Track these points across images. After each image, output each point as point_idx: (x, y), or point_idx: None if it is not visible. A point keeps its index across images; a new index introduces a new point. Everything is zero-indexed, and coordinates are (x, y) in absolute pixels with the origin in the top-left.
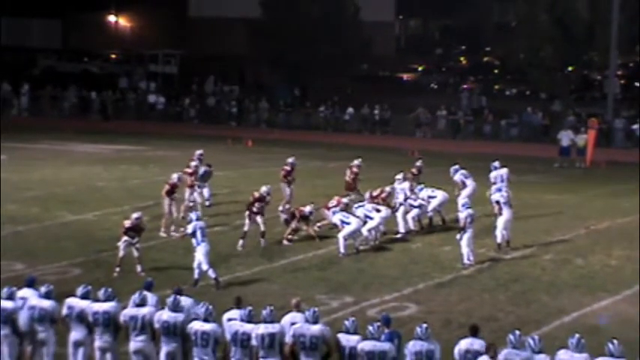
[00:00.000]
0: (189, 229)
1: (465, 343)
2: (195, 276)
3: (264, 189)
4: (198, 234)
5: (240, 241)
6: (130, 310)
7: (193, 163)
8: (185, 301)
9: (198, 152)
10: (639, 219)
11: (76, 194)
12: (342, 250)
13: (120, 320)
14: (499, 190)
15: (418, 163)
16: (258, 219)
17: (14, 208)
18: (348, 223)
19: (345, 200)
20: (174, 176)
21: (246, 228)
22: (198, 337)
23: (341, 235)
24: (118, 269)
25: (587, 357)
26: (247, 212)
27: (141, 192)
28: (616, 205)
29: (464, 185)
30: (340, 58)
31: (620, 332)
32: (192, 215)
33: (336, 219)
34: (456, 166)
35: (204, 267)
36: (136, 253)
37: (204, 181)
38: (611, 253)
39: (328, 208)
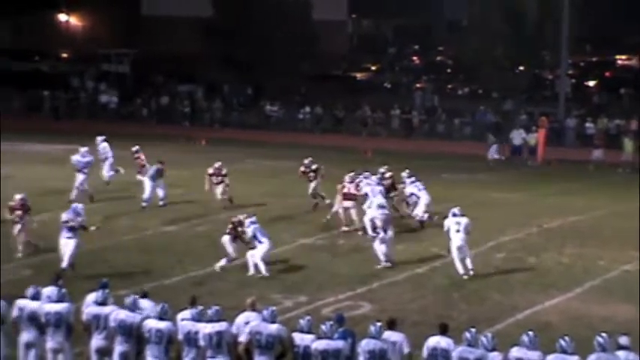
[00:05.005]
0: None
1: (432, 341)
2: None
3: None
4: None
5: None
6: (93, 309)
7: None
8: (146, 303)
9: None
10: (590, 217)
11: (28, 194)
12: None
13: (71, 321)
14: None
15: (387, 174)
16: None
17: None
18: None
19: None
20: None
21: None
22: (153, 334)
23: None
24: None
25: (540, 354)
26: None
27: (93, 192)
28: (568, 203)
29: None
30: (293, 57)
31: (572, 329)
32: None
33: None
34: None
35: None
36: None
37: (155, 179)
38: (562, 251)
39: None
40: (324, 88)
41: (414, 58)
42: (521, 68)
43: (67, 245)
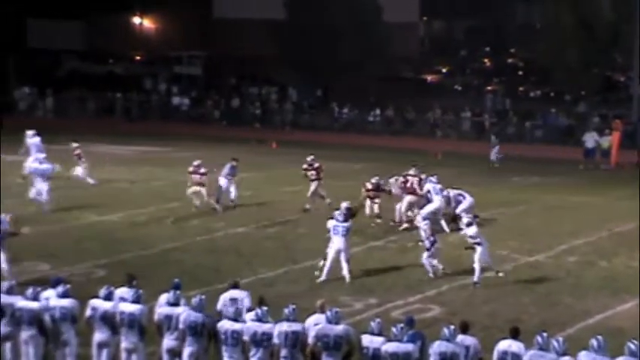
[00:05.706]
0: None
1: (503, 345)
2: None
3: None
4: None
5: None
6: (165, 309)
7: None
8: (237, 293)
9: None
10: None
11: (100, 195)
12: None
13: (144, 322)
14: (430, 180)
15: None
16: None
17: (39, 209)
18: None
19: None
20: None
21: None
22: (229, 336)
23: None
24: None
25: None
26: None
27: (165, 193)
28: None
29: (428, 200)
30: (363, 59)
31: None
32: None
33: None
34: (432, 177)
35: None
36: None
37: (229, 177)
38: (634, 256)
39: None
40: (395, 90)
41: (486, 60)
42: (595, 70)
43: None
